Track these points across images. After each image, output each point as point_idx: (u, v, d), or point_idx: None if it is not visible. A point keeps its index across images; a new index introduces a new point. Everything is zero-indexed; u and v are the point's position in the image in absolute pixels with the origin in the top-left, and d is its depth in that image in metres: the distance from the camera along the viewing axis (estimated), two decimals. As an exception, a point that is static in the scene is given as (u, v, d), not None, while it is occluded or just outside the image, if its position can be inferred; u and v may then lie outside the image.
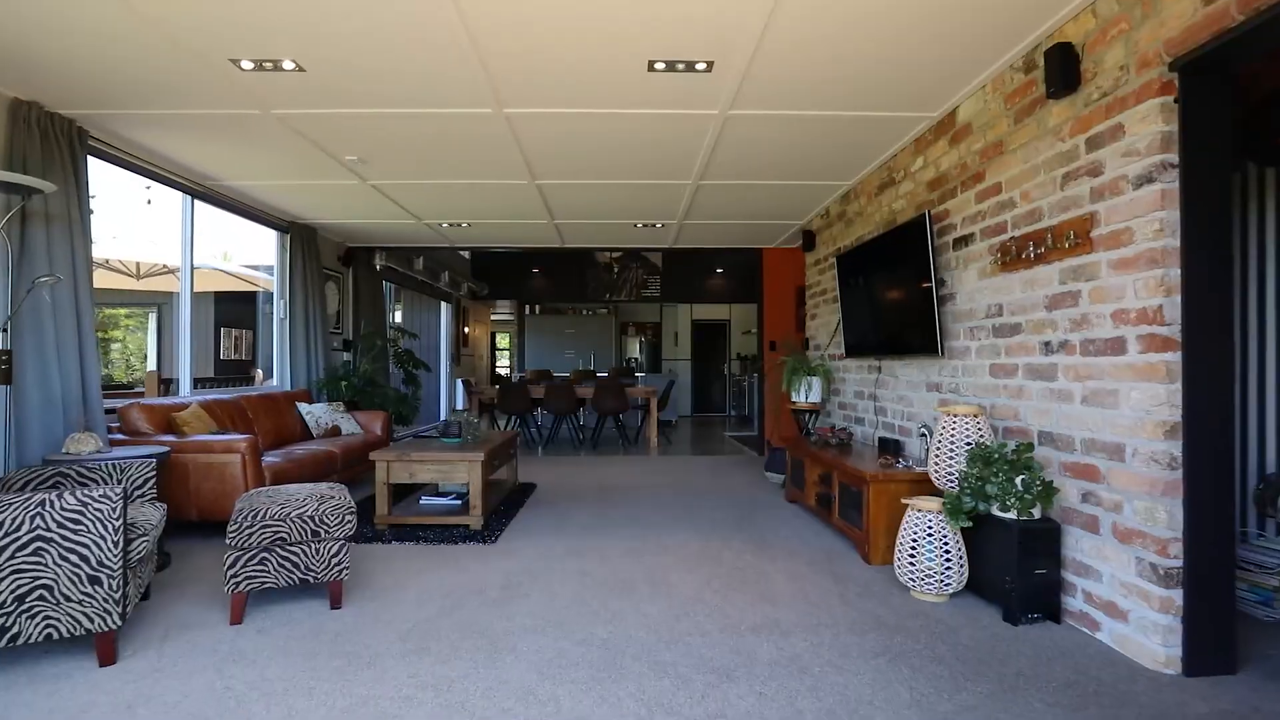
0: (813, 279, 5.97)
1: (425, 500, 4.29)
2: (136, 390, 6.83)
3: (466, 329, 12.63)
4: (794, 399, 5.22)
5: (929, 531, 2.81)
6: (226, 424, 4.31)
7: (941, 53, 2.85)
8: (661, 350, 13.77)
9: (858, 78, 3.09)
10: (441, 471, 3.93)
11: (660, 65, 2.94)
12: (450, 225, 6.27)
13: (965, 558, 2.80)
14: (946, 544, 2.78)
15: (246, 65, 2.92)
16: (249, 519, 2.56)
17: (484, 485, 3.94)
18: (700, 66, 2.95)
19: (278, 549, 2.60)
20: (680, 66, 2.95)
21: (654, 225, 6.26)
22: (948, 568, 2.76)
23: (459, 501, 4.23)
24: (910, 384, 3.96)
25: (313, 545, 2.64)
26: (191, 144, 3.98)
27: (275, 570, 2.58)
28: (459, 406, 10.98)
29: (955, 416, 2.95)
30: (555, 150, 4.11)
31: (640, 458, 7.21)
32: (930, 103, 3.41)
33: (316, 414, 5.33)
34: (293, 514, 2.61)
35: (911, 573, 2.85)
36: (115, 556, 2.14)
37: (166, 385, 6.20)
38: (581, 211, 5.77)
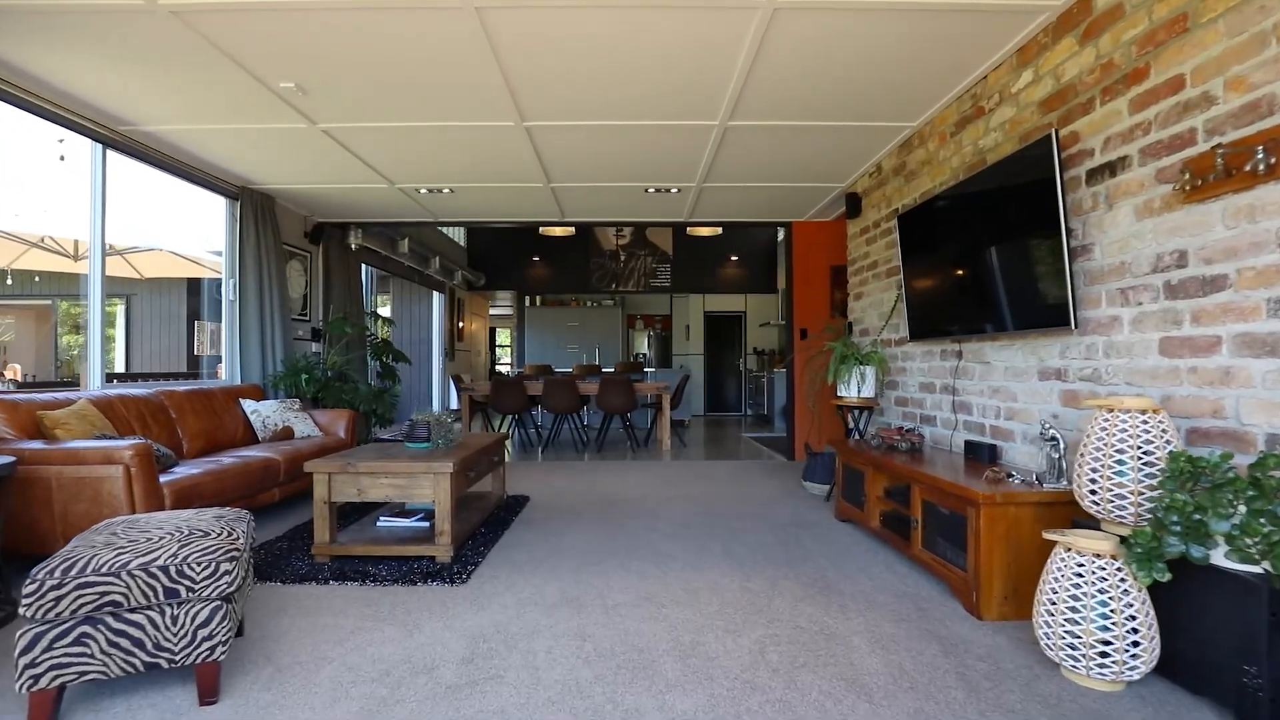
0: (857, 251, 5.03)
1: (385, 522, 3.38)
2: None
3: (462, 323, 11.74)
4: (841, 393, 4.28)
5: (1097, 584, 1.87)
6: (132, 427, 3.41)
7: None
8: (672, 344, 12.84)
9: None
10: (399, 487, 3.02)
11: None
12: (429, 191, 5.36)
13: (1155, 626, 1.86)
14: (1129, 605, 1.84)
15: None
16: (59, 575, 1.65)
17: (454, 504, 3.03)
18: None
19: (109, 619, 1.69)
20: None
21: (668, 190, 5.33)
22: (1133, 641, 1.83)
23: (428, 523, 3.32)
24: (1013, 371, 3.02)
25: (166, 611, 1.73)
26: (74, 65, 3.08)
27: (103, 652, 1.67)
28: (454, 405, 10.09)
29: (1118, 413, 2.01)
30: (547, 72, 3.19)
31: (651, 462, 6.28)
32: (1059, -20, 2.47)
33: (264, 413, 4.43)
34: (133, 564, 1.70)
35: (1064, 643, 1.91)
36: None
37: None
38: (583, 171, 4.84)
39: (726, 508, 4.22)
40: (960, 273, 3.34)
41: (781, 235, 10.98)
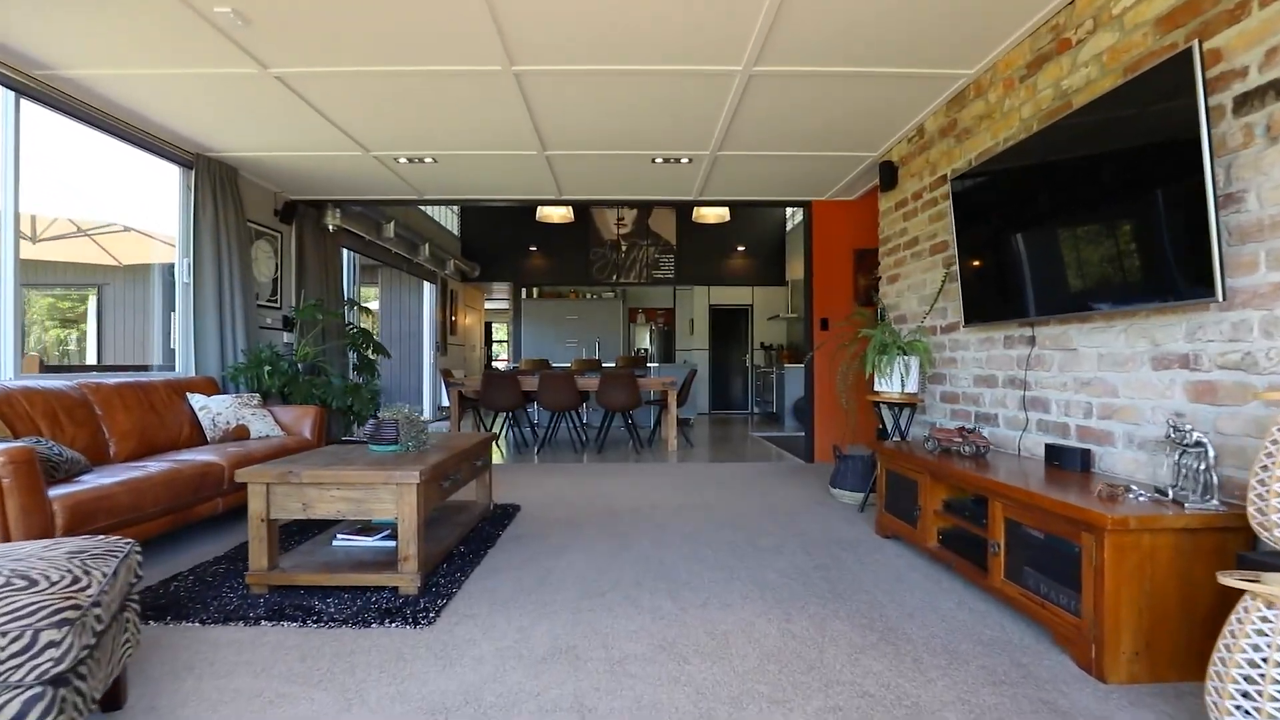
0: (891, 228, 4.45)
1: (342, 540, 2.81)
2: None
3: (455, 315, 11.16)
4: (879, 388, 3.71)
5: (1316, 656, 1.30)
6: (37, 426, 2.83)
7: None
8: (675, 338, 12.26)
9: None
10: (354, 501, 2.44)
11: None
12: (409, 161, 4.77)
13: None
14: (1374, 691, 1.27)
15: None
16: None
17: (421, 522, 2.45)
18: None
19: None
20: None
21: (678, 160, 4.75)
22: (1382, 745, 1.26)
23: (394, 543, 2.75)
24: (1112, 359, 2.45)
25: (-44, 705, 1.16)
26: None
27: None
28: (446, 402, 9.51)
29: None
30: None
31: (657, 464, 5.71)
32: None
33: (215, 410, 3.85)
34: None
35: (1261, 736, 1.34)
36: None
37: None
38: (583, 136, 4.26)
39: (748, 520, 3.65)
40: (1035, 242, 2.77)
41: (795, 218, 10.42)
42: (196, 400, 3.83)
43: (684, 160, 4.75)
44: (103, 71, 3.30)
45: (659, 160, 4.75)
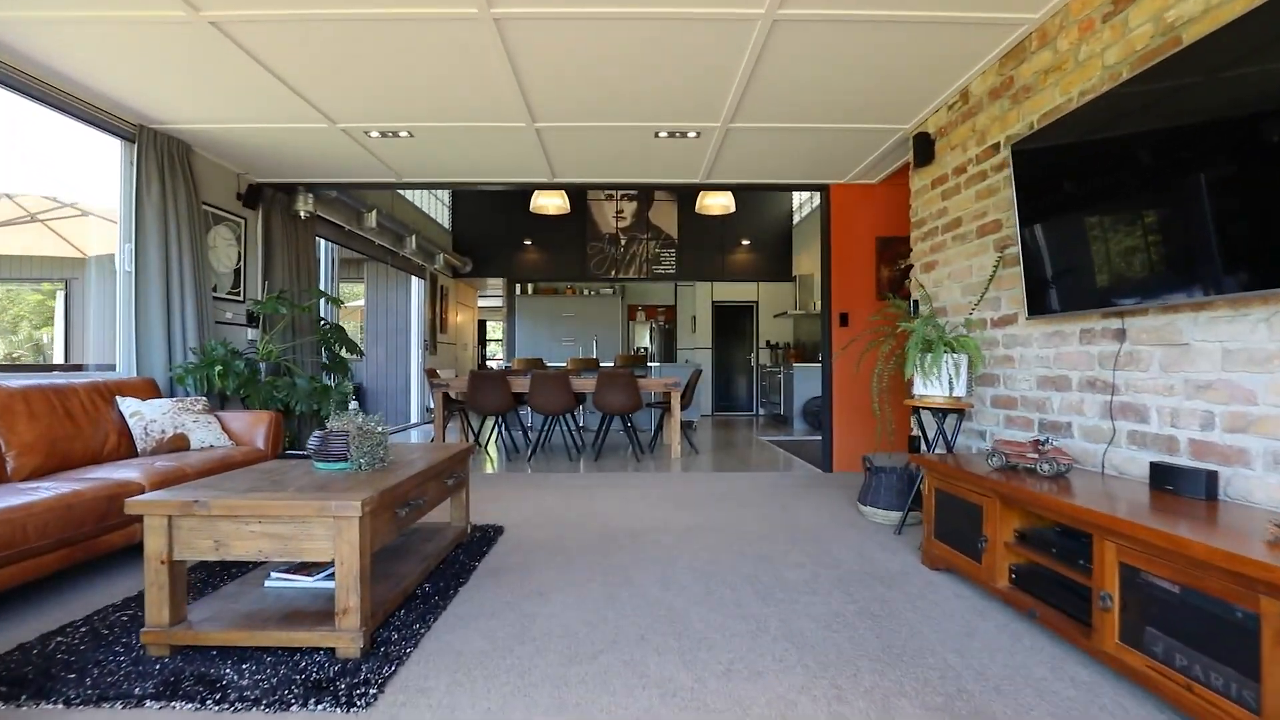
0: (927, 209, 3.93)
1: (276, 580, 2.28)
2: None
3: (446, 312, 10.63)
4: (920, 391, 3.19)
5: None
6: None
7: None
8: (676, 337, 11.75)
9: None
10: (280, 539, 1.91)
11: None
12: (382, 135, 4.24)
13: None
14: None
15: None
16: None
17: (364, 567, 1.92)
18: None
19: None
20: None
21: (684, 135, 4.22)
22: None
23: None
24: (1242, 356, 1.92)
25: None
26: None
27: None
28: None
29: None
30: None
31: (659, 474, 5.19)
32: None
33: (149, 417, 3.32)
34: None
35: None
36: None
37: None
38: (578, 103, 3.73)
39: (769, 545, 3.13)
40: (1127, 214, 2.25)
41: (803, 210, 9.86)
42: (127, 405, 3.30)
43: (691, 135, 4.22)
44: (7, 14, 2.77)
45: (663, 135, 4.22)
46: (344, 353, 5.12)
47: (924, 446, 3.42)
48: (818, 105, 3.76)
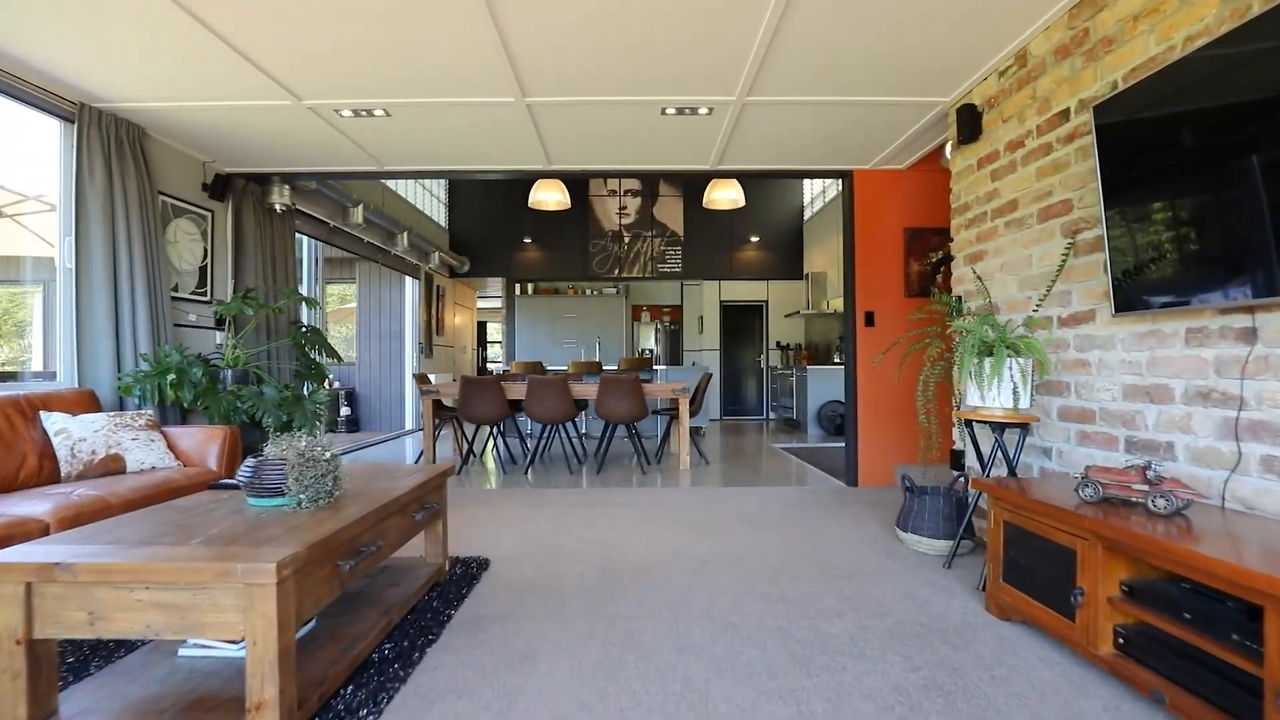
0: (973, 191, 3.45)
1: (191, 649, 1.82)
2: None
3: (442, 314, 10.18)
4: (975, 402, 2.71)
5: None
6: None
7: None
8: (683, 338, 11.28)
9: None
10: (171, 609, 1.45)
11: None
12: (356, 114, 3.79)
13: None
14: None
15: None
16: None
17: (285, 646, 1.46)
18: None
19: None
20: None
21: (694, 111, 3.75)
22: None
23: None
24: None
25: None
26: None
27: None
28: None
29: None
30: None
31: (667, 490, 4.72)
32: None
33: (77, 435, 2.87)
34: None
35: None
36: None
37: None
38: (574, 73, 3.27)
39: (799, 584, 2.65)
40: (1253, 185, 1.77)
41: (815, 205, 9.35)
42: (52, 422, 2.85)
43: (703, 111, 3.74)
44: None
45: (670, 111, 3.75)
46: (320, 358, 4.67)
47: (978, 466, 2.94)
48: (846, 76, 3.29)
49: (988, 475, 2.81)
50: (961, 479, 3.30)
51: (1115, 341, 2.44)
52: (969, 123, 3.39)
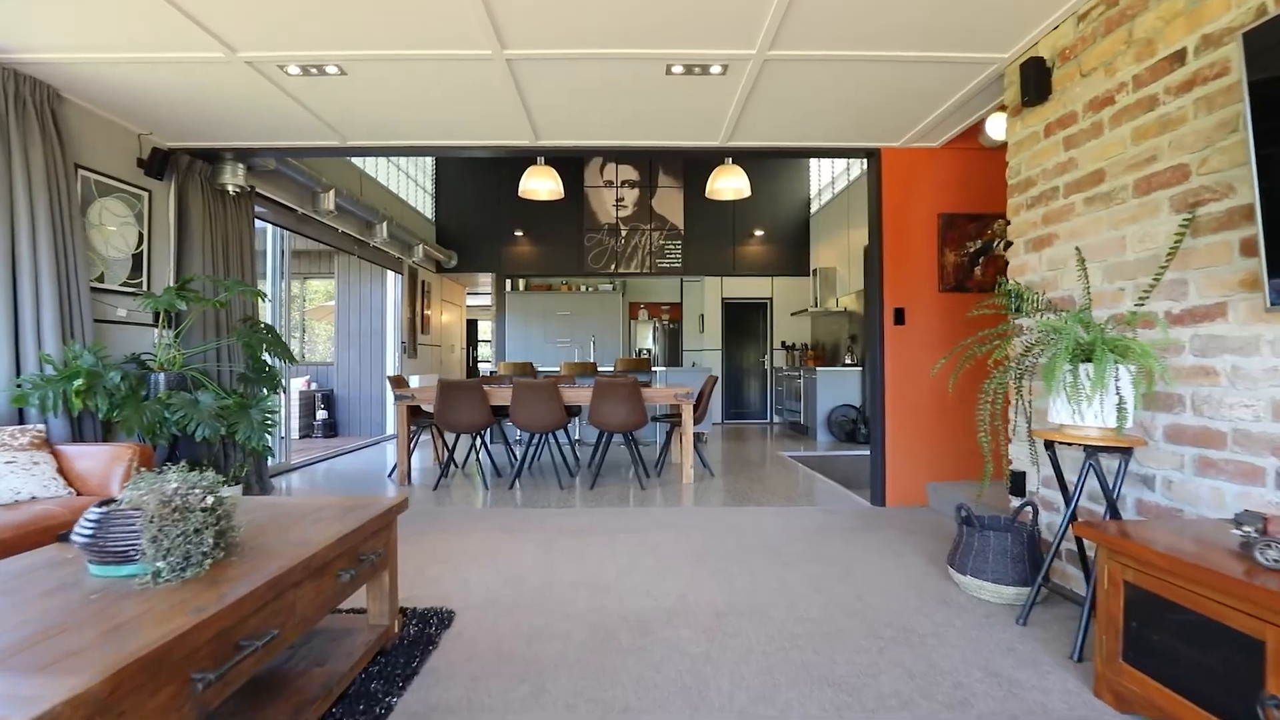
0: (1039, 163, 2.89)
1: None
2: None
3: (428, 311, 9.59)
4: (1060, 419, 2.15)
5: None
6: None
7: None
8: (683, 337, 10.71)
9: None
10: None
11: None
12: (304, 71, 3.20)
13: None
14: None
15: None
16: None
17: None
18: None
19: None
20: None
21: (705, 70, 3.17)
22: None
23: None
24: None
25: None
26: None
27: None
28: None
29: None
30: None
31: (670, 510, 4.15)
32: None
33: (-66, 458, 2.28)
34: None
35: None
36: None
37: None
38: (566, 15, 2.69)
39: (844, 652, 2.09)
40: None
41: (822, 197, 8.70)
42: (-98, 442, 2.26)
43: (715, 69, 3.17)
44: None
45: (678, 70, 3.17)
46: (274, 360, 4.08)
47: (1058, 497, 2.38)
48: (889, 24, 2.72)
49: (1073, 510, 2.25)
50: (1028, 508, 2.74)
51: (1261, 344, 1.88)
52: (1036, 81, 2.83)
